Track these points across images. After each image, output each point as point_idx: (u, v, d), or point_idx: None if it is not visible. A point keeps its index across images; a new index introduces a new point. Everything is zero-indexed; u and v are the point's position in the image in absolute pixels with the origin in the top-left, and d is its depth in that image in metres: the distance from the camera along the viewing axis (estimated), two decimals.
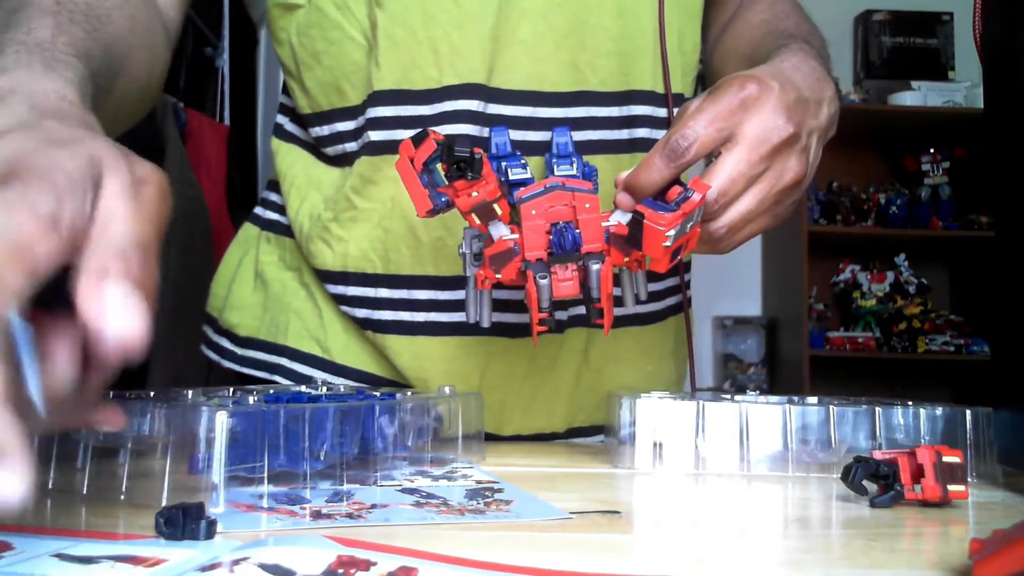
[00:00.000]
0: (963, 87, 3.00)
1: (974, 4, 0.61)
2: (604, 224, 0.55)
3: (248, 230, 0.87)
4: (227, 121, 2.56)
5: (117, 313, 0.31)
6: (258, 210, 0.87)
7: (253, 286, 0.83)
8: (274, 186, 0.84)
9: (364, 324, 0.75)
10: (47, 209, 0.32)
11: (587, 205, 0.54)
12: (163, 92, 1.94)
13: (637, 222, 0.52)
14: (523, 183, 0.59)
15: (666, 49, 0.75)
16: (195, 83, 2.33)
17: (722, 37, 0.83)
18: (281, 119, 0.85)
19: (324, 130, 0.78)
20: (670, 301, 0.83)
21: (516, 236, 0.55)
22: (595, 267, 0.53)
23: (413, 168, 0.54)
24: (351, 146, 0.76)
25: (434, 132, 0.53)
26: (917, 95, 2.97)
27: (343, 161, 0.77)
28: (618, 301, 0.57)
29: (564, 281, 0.54)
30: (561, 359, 0.77)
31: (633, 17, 0.74)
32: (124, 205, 0.34)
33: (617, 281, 0.58)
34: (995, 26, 0.59)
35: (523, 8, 0.71)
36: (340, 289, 0.76)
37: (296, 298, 0.80)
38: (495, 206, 0.53)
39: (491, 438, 0.64)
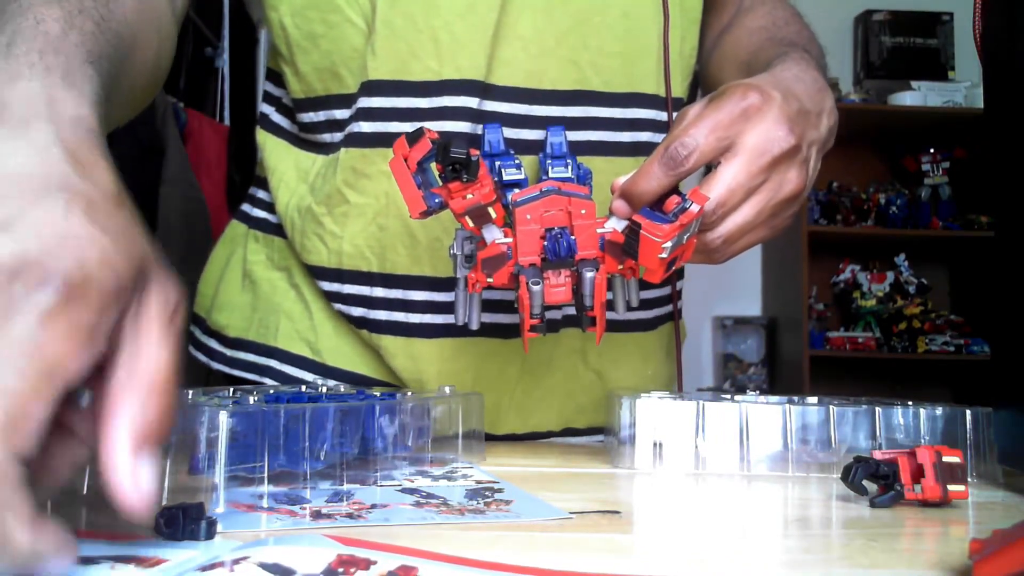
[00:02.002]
0: (963, 87, 3.00)
1: (974, 4, 0.61)
2: (599, 231, 0.54)
3: (235, 228, 0.85)
4: (227, 121, 2.56)
5: (139, 487, 0.30)
6: (245, 207, 0.84)
7: (241, 286, 0.81)
8: (261, 183, 0.82)
9: (359, 323, 0.74)
10: (87, 322, 0.29)
11: (583, 211, 0.53)
12: (163, 92, 1.94)
13: (634, 232, 0.51)
14: (517, 184, 0.58)
15: (669, 52, 0.74)
16: (195, 83, 2.33)
17: (720, 42, 0.82)
18: (266, 108, 0.82)
19: (319, 116, 0.75)
20: (671, 307, 0.83)
21: (509, 240, 0.54)
22: (589, 275, 0.52)
23: (407, 167, 0.53)
24: (340, 135, 0.74)
25: (429, 131, 0.53)
26: (917, 95, 2.97)
27: (331, 149, 0.75)
28: (609, 306, 0.57)
29: (556, 287, 0.53)
30: (556, 359, 0.76)
31: (638, 18, 0.73)
32: (159, 331, 0.32)
33: (609, 286, 0.57)
34: (995, 26, 0.59)
35: (525, 2, 0.69)
36: (335, 287, 0.75)
37: (286, 299, 0.78)
38: (490, 209, 0.52)
39: (486, 437, 0.64)
